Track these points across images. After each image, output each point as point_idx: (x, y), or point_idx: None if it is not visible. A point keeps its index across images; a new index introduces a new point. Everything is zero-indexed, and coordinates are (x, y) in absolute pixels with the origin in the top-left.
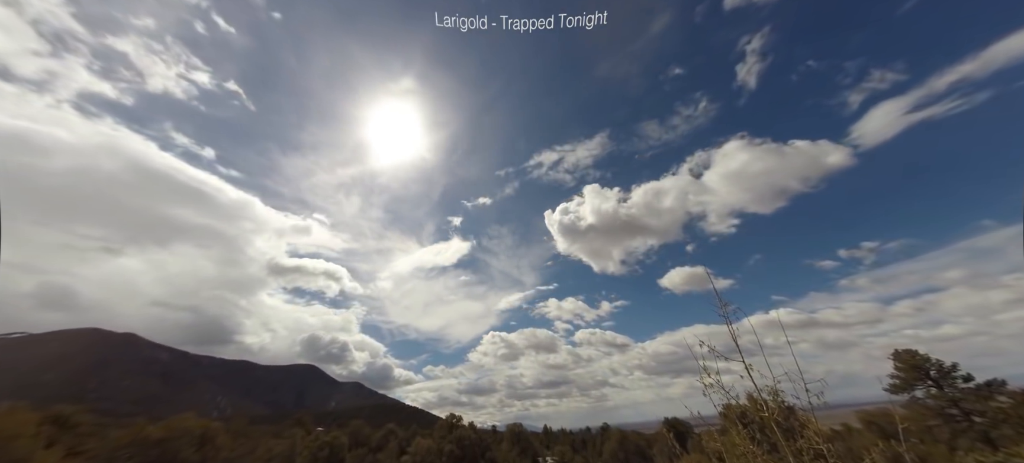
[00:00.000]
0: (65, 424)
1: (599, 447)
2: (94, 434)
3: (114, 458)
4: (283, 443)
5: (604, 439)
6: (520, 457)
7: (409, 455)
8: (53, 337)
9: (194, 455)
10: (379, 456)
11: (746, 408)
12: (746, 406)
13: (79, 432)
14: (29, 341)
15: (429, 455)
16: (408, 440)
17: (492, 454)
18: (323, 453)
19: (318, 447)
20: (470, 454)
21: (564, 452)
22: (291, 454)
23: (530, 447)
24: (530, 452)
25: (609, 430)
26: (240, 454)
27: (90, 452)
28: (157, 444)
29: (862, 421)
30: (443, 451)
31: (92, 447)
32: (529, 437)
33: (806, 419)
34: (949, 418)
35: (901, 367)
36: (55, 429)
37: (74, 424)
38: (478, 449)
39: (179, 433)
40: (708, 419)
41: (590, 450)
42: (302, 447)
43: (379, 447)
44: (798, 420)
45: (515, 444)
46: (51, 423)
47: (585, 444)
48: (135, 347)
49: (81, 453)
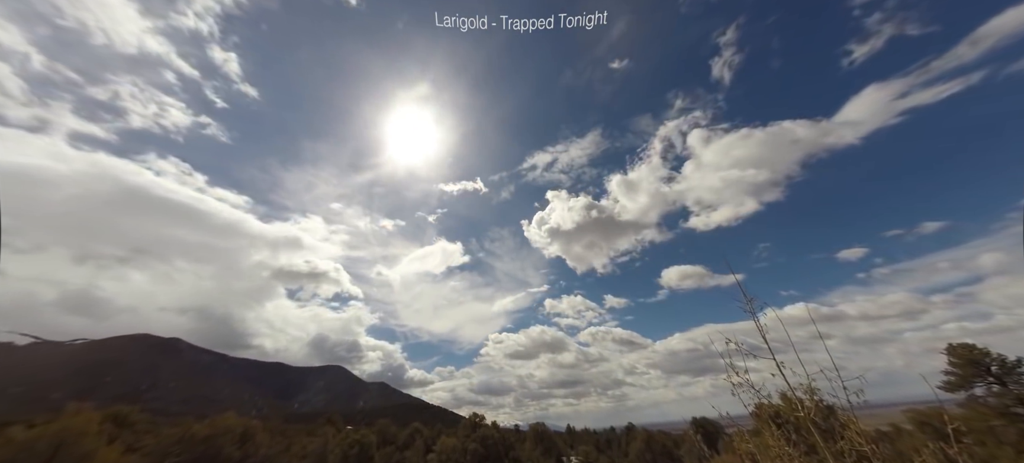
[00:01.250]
0: (123, 422)
1: (625, 447)
2: (148, 432)
3: (166, 454)
4: (316, 441)
5: (629, 439)
6: (544, 456)
7: (435, 453)
8: (110, 342)
9: (236, 452)
10: (406, 454)
11: (779, 408)
12: (779, 406)
13: (136, 430)
14: (90, 346)
15: (454, 454)
16: (433, 439)
17: (516, 453)
18: (353, 451)
19: (349, 445)
20: (494, 453)
21: (588, 452)
22: (323, 452)
23: (554, 446)
24: (554, 451)
25: (634, 430)
26: (277, 451)
27: (145, 449)
28: (203, 441)
29: (912, 421)
30: (467, 450)
31: (147, 444)
32: (552, 436)
33: (847, 419)
34: (1015, 418)
35: (956, 362)
36: (115, 427)
37: (131, 422)
38: (502, 448)
39: (222, 431)
40: (738, 419)
41: (615, 450)
42: (334, 445)
43: (406, 445)
44: (838, 420)
45: (538, 443)
46: (111, 422)
47: (610, 444)
48: (179, 351)
49: (138, 449)
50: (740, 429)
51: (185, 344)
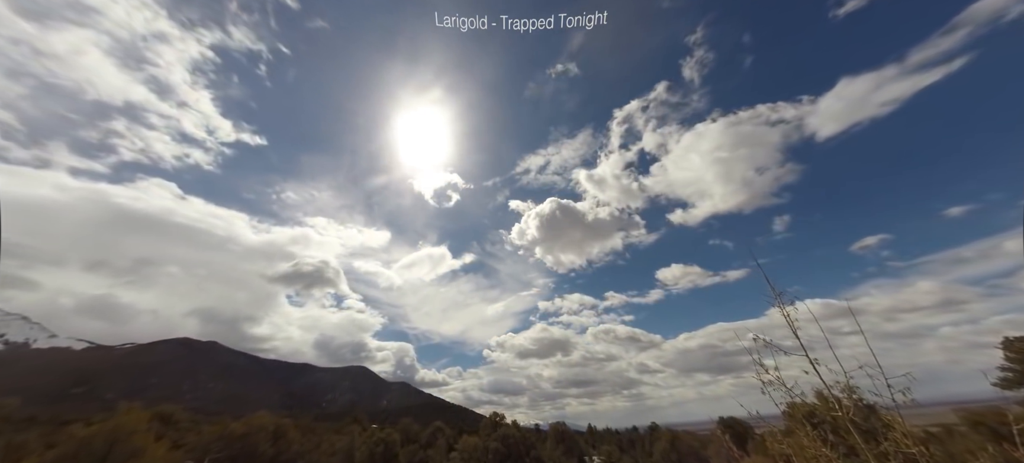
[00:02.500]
0: (168, 421)
1: (649, 447)
2: (190, 430)
3: (207, 451)
4: (343, 439)
5: (653, 439)
6: (565, 456)
7: (457, 452)
8: (154, 346)
9: (270, 449)
10: (429, 452)
11: (814, 407)
12: (814, 405)
13: (179, 428)
14: (136, 350)
15: (475, 452)
16: (454, 437)
17: (537, 453)
18: (379, 449)
19: (374, 443)
20: (515, 452)
21: (611, 452)
22: (351, 449)
23: (575, 446)
24: (575, 451)
25: (658, 430)
26: (308, 448)
27: (189, 445)
28: (240, 438)
29: (966, 421)
30: (489, 449)
31: (190, 441)
32: (573, 436)
33: (891, 419)
34: None
35: (1014, 357)
36: (161, 425)
37: (175, 421)
38: (523, 447)
39: (257, 429)
40: (768, 419)
41: (639, 450)
42: (360, 443)
43: (428, 444)
44: (881, 420)
45: (559, 443)
46: (158, 420)
47: (632, 444)
48: (216, 353)
49: (182, 446)
50: (772, 429)
51: (221, 347)
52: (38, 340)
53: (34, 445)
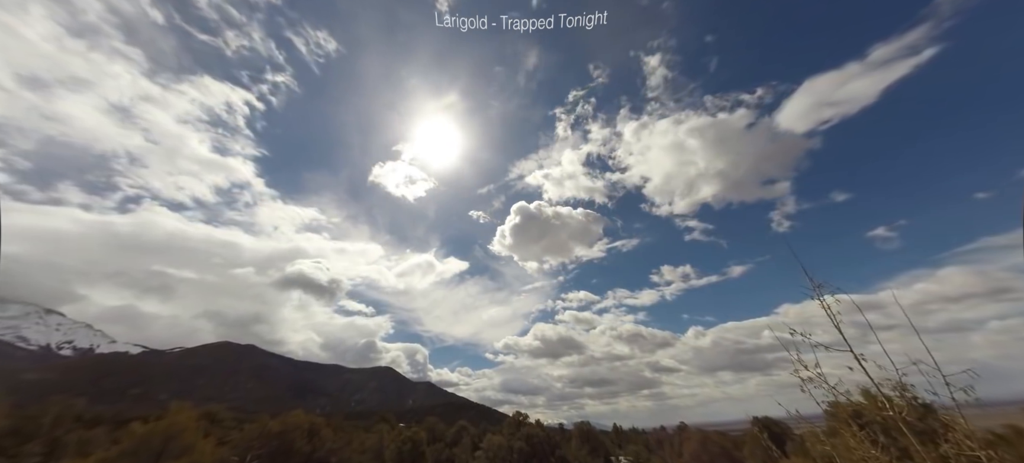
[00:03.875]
0: (214, 419)
1: (678, 448)
2: (234, 427)
3: (249, 448)
4: (372, 437)
5: (682, 439)
6: (591, 456)
7: (482, 451)
8: (199, 350)
9: (305, 445)
10: (454, 450)
11: (860, 406)
12: (860, 403)
13: (224, 426)
14: (184, 354)
15: (501, 451)
16: (479, 436)
17: (562, 452)
18: (407, 447)
19: (402, 441)
20: (540, 451)
21: (638, 452)
22: (380, 447)
23: (601, 446)
24: (601, 451)
25: (687, 429)
26: (340, 446)
27: (233, 442)
28: (277, 436)
29: None
30: (514, 448)
31: (234, 438)
32: (598, 436)
33: (951, 419)
34: None
35: None
36: (208, 424)
37: (220, 419)
38: (547, 447)
39: (293, 427)
40: (809, 418)
41: (667, 450)
42: (389, 441)
43: (454, 442)
44: (940, 421)
45: (585, 442)
46: (205, 419)
47: (660, 444)
48: (253, 355)
49: (227, 443)
50: (813, 429)
51: (257, 350)
52: (100, 346)
53: (101, 441)
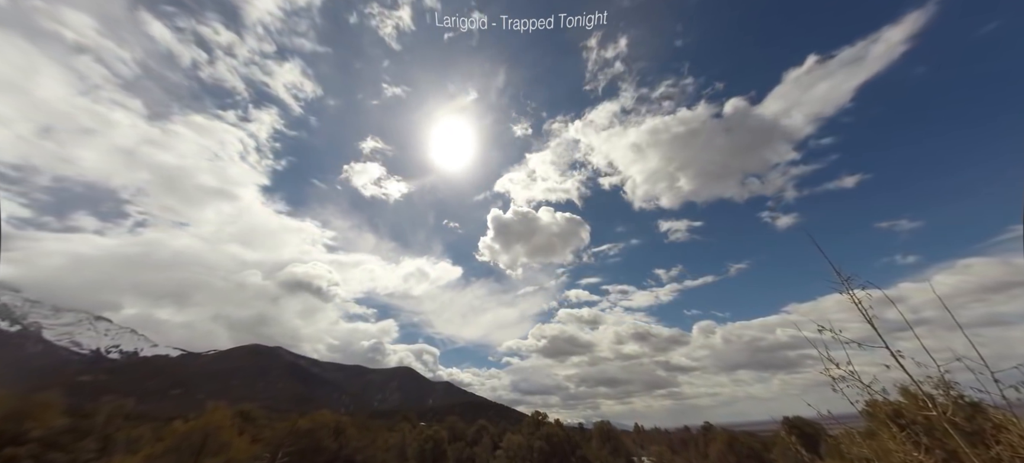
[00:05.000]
0: (248, 418)
1: (703, 448)
2: (266, 426)
3: (280, 445)
4: (395, 436)
5: (708, 440)
6: (612, 456)
7: (503, 450)
8: (232, 352)
9: (332, 443)
10: (475, 450)
11: (900, 405)
12: (899, 403)
13: (256, 424)
14: (219, 356)
15: (521, 450)
16: (499, 435)
17: (582, 452)
18: (428, 446)
19: (424, 440)
20: (560, 451)
21: (661, 453)
22: (403, 446)
23: (622, 446)
24: (623, 451)
25: (713, 429)
26: (365, 444)
27: (265, 439)
28: (306, 434)
29: None
30: (534, 447)
31: (266, 436)
32: (619, 435)
33: (1004, 419)
34: None
35: None
36: (243, 422)
37: (253, 418)
38: (567, 446)
39: (320, 425)
40: (843, 418)
41: (692, 451)
42: (411, 440)
43: (474, 441)
44: (991, 421)
45: (606, 442)
46: (240, 417)
47: (685, 444)
48: (282, 357)
49: (260, 440)
50: (848, 430)
51: (285, 351)
52: (144, 349)
53: (147, 438)
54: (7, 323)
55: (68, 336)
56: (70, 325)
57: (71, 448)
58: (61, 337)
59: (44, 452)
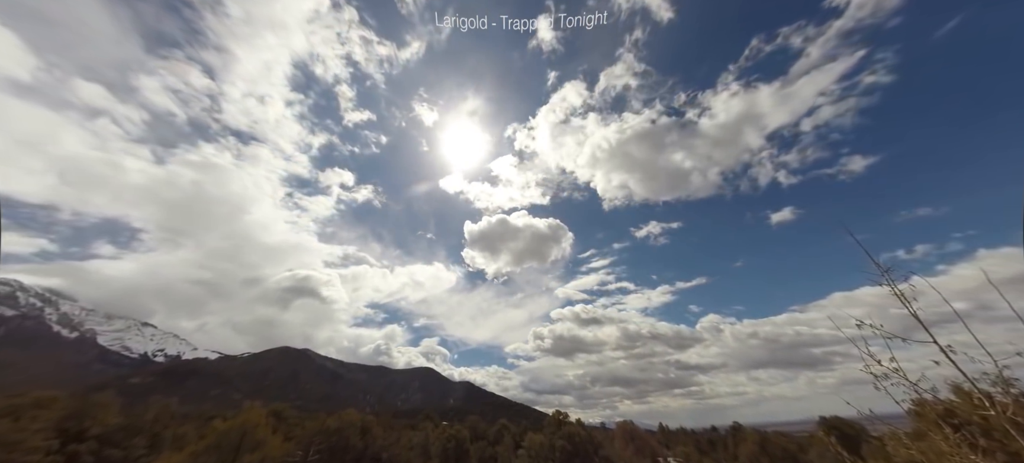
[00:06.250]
0: (280, 417)
1: (733, 449)
2: (297, 425)
3: (311, 442)
4: (418, 435)
5: (738, 440)
6: (636, 456)
7: (524, 449)
8: (264, 355)
9: (359, 441)
10: (497, 449)
11: (952, 404)
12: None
13: (289, 423)
14: (252, 359)
15: (542, 450)
16: (520, 435)
17: (605, 452)
18: (451, 445)
19: (446, 440)
20: (582, 451)
21: (689, 453)
22: (426, 445)
23: (646, 446)
24: (647, 451)
25: (742, 430)
26: (390, 442)
27: (297, 437)
28: (334, 432)
29: None
30: (556, 447)
31: (298, 434)
32: (643, 435)
33: None
34: None
35: None
36: (276, 421)
37: (285, 417)
38: (590, 446)
39: (348, 424)
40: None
41: (721, 452)
42: (434, 438)
43: (496, 440)
44: None
45: (629, 442)
46: (273, 416)
47: (713, 445)
48: (310, 359)
49: (292, 438)
50: (894, 431)
51: (313, 353)
52: (185, 352)
53: (191, 436)
54: (67, 329)
55: (119, 341)
56: (120, 331)
57: (125, 445)
58: (113, 342)
59: (102, 449)
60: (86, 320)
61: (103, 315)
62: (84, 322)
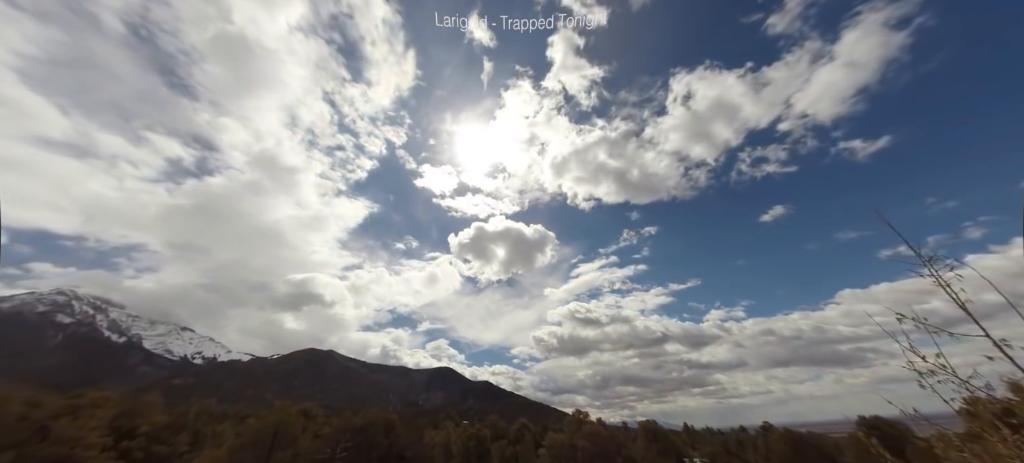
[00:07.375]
0: (309, 415)
1: (764, 450)
2: (325, 423)
3: (338, 439)
4: (440, 434)
5: (768, 441)
6: (660, 456)
7: (545, 449)
8: (292, 356)
9: (384, 439)
10: (518, 448)
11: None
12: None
13: (317, 421)
14: (281, 360)
15: (563, 450)
16: (540, 434)
17: (628, 452)
18: (472, 444)
19: (467, 438)
20: (604, 451)
21: (715, 453)
22: (448, 443)
23: (671, 446)
24: (672, 451)
25: (773, 430)
26: (413, 441)
27: (325, 435)
28: (360, 430)
29: None
30: (577, 446)
31: (325, 431)
32: (668, 435)
33: None
34: None
35: None
36: (305, 419)
37: (314, 415)
38: (612, 446)
39: (373, 422)
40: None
41: (751, 453)
42: (456, 437)
43: (516, 440)
44: None
45: (653, 442)
46: (302, 414)
47: (742, 445)
48: (334, 360)
49: (321, 436)
50: (942, 432)
51: (338, 355)
52: (220, 355)
53: (228, 434)
54: (116, 335)
55: (162, 344)
56: (163, 335)
57: (170, 442)
58: (157, 346)
59: (150, 445)
60: (132, 325)
61: (147, 321)
62: (131, 327)
